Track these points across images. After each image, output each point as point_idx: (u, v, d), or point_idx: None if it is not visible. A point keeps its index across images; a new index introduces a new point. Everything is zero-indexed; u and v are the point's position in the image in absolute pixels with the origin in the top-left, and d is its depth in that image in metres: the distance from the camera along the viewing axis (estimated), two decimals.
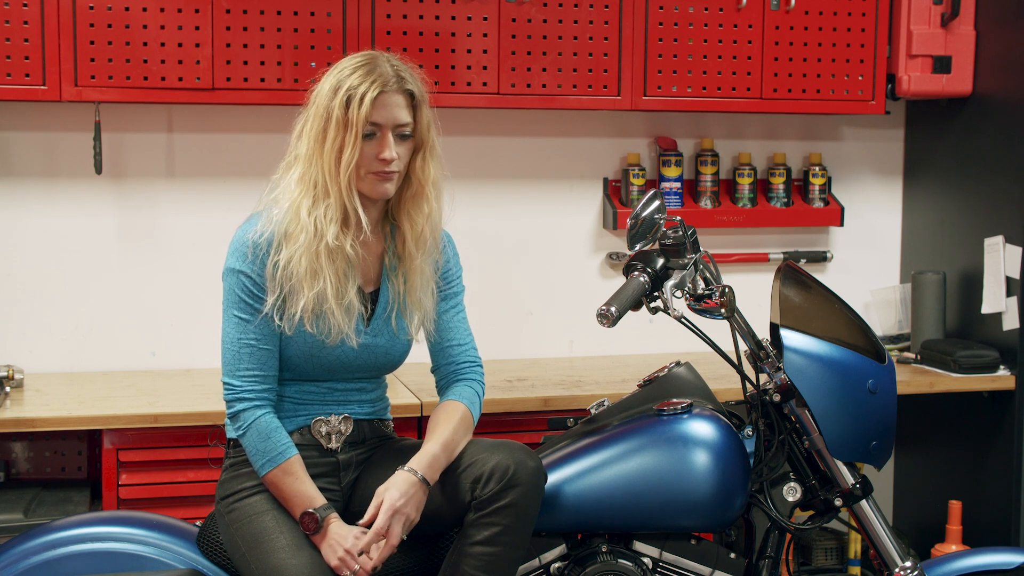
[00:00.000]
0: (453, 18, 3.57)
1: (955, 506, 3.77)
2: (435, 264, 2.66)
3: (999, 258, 3.78)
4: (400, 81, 2.52)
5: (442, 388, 2.70)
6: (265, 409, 2.51)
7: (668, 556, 2.59)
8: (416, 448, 2.57)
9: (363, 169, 2.50)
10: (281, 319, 2.50)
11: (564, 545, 2.60)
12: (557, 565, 2.59)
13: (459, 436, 2.54)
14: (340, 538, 2.43)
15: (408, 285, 2.60)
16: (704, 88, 3.78)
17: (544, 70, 3.65)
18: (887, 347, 3.20)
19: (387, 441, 2.70)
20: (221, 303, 2.57)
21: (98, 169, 3.54)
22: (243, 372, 2.51)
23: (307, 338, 2.52)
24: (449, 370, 2.69)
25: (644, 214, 2.63)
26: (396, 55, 2.60)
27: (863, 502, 2.60)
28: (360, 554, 2.42)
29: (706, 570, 2.59)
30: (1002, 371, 3.77)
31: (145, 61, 3.37)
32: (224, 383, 2.53)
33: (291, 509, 2.49)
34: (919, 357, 3.92)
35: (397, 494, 2.42)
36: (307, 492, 2.48)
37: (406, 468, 2.47)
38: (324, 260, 2.48)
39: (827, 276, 4.20)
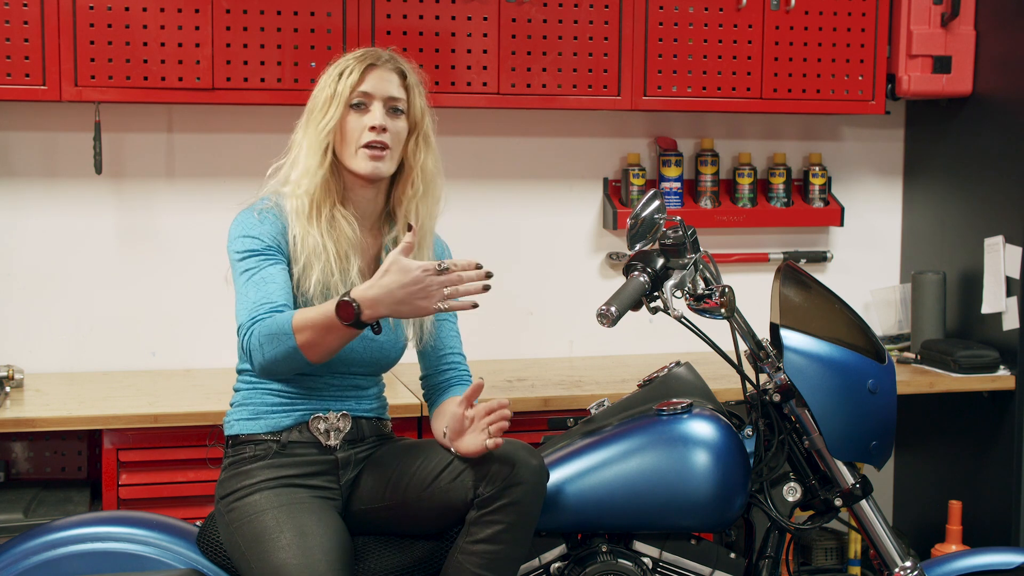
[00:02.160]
0: (453, 18, 3.57)
1: (955, 506, 3.77)
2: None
3: (999, 258, 3.78)
4: (392, 60, 2.60)
5: (440, 390, 2.71)
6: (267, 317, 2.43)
7: (668, 556, 2.59)
8: (416, 447, 2.59)
9: (354, 144, 2.54)
10: (299, 293, 2.53)
11: (564, 545, 2.60)
12: (557, 565, 2.59)
13: None
14: (402, 267, 2.30)
15: None
16: (704, 88, 3.78)
17: (544, 70, 3.65)
18: (887, 347, 3.20)
19: (386, 441, 2.70)
20: (229, 302, 2.56)
21: (98, 169, 3.54)
22: (250, 304, 2.44)
23: None
24: (444, 377, 2.72)
25: (644, 214, 2.63)
26: (397, 49, 2.66)
27: (863, 502, 2.60)
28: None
29: (706, 570, 2.59)
30: (1002, 371, 3.77)
31: (145, 61, 3.37)
32: (238, 332, 2.46)
33: (330, 320, 2.34)
34: (919, 357, 3.92)
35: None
36: (325, 307, 2.36)
37: None
38: (326, 233, 2.52)
39: (827, 276, 4.20)
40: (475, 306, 2.37)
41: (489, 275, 2.36)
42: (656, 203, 2.63)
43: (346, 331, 2.37)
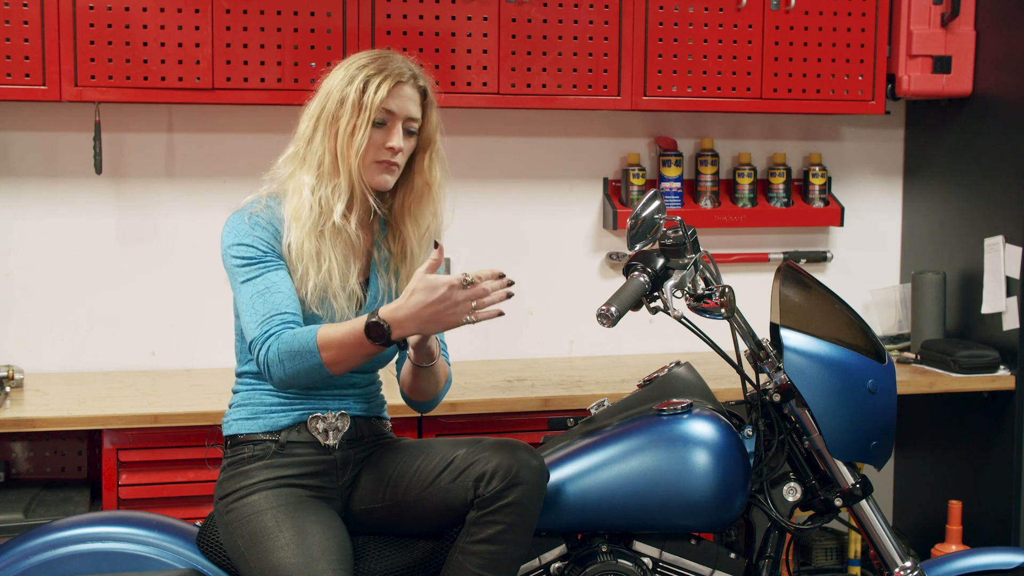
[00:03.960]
0: (453, 18, 3.57)
1: (955, 506, 3.77)
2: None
3: (999, 258, 3.78)
4: (415, 78, 2.60)
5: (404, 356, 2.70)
6: (284, 330, 2.43)
7: (668, 556, 2.59)
8: (416, 447, 2.58)
9: (368, 157, 2.54)
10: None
11: (564, 545, 2.60)
12: (557, 565, 2.59)
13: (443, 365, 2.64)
14: (430, 283, 2.34)
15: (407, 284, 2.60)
16: (704, 88, 3.78)
17: (544, 70, 3.65)
18: (887, 347, 3.20)
19: (386, 440, 2.70)
20: (229, 302, 2.56)
21: (98, 169, 3.54)
22: (260, 318, 2.45)
23: (309, 322, 2.52)
24: None
25: (644, 214, 2.63)
26: (411, 57, 2.65)
27: (863, 502, 2.60)
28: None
29: (706, 570, 2.59)
30: (1002, 371, 3.77)
31: (145, 61, 3.37)
32: (249, 345, 2.47)
33: (358, 339, 2.38)
34: (919, 357, 3.92)
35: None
36: (352, 325, 2.39)
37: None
38: (328, 241, 2.51)
39: (827, 276, 4.21)
40: (501, 314, 2.41)
41: (511, 283, 2.41)
42: (656, 203, 2.63)
43: (375, 348, 2.41)
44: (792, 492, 2.61)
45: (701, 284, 2.60)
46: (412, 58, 2.64)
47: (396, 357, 2.72)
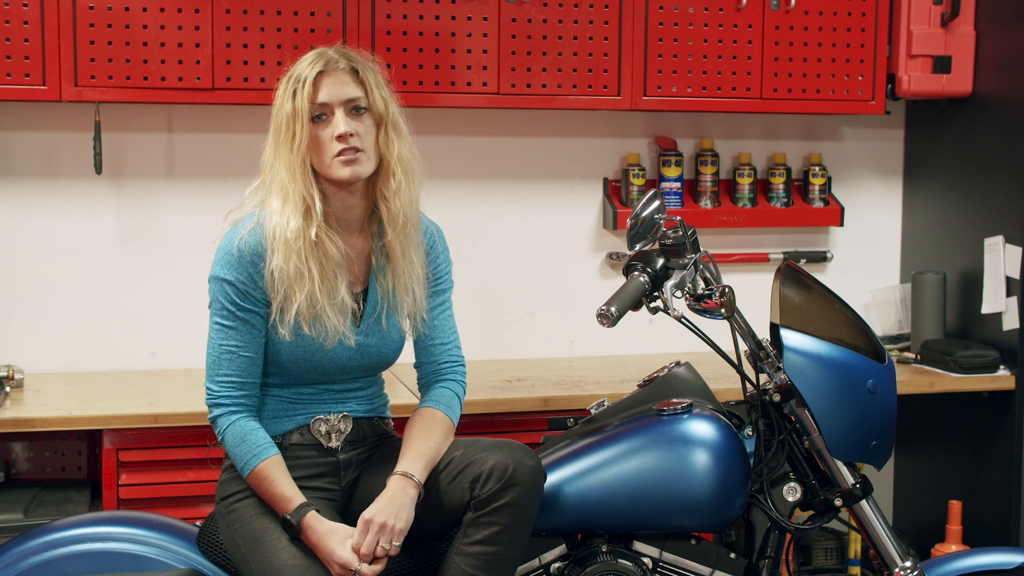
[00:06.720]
0: (453, 18, 3.57)
1: (955, 506, 3.77)
2: (422, 250, 2.63)
3: (999, 258, 3.78)
4: (344, 60, 2.54)
5: (423, 387, 2.71)
6: (241, 414, 2.51)
7: (668, 556, 2.59)
8: None
9: (328, 156, 2.50)
10: (282, 326, 2.50)
11: (564, 545, 2.60)
12: (557, 565, 2.59)
13: (440, 445, 2.56)
14: (332, 548, 2.41)
15: (395, 273, 2.58)
16: (704, 88, 3.78)
17: (544, 70, 3.65)
18: (887, 347, 3.20)
19: (387, 440, 2.70)
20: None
21: (98, 169, 3.54)
22: (221, 377, 2.51)
23: (303, 342, 2.51)
24: (431, 369, 2.69)
25: (644, 214, 2.63)
26: (353, 48, 2.61)
27: (863, 502, 2.60)
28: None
29: (706, 570, 2.59)
30: (1002, 371, 3.77)
31: (145, 61, 3.37)
32: (205, 387, 2.54)
33: (271, 504, 2.49)
34: (919, 357, 3.92)
35: (372, 509, 2.44)
36: (283, 495, 2.46)
37: (392, 474, 2.49)
38: (307, 257, 2.47)
39: (827, 276, 4.20)
40: None
41: None
42: (656, 203, 2.63)
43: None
44: (792, 492, 2.61)
45: (701, 284, 2.60)
46: (350, 46, 2.61)
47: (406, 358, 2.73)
